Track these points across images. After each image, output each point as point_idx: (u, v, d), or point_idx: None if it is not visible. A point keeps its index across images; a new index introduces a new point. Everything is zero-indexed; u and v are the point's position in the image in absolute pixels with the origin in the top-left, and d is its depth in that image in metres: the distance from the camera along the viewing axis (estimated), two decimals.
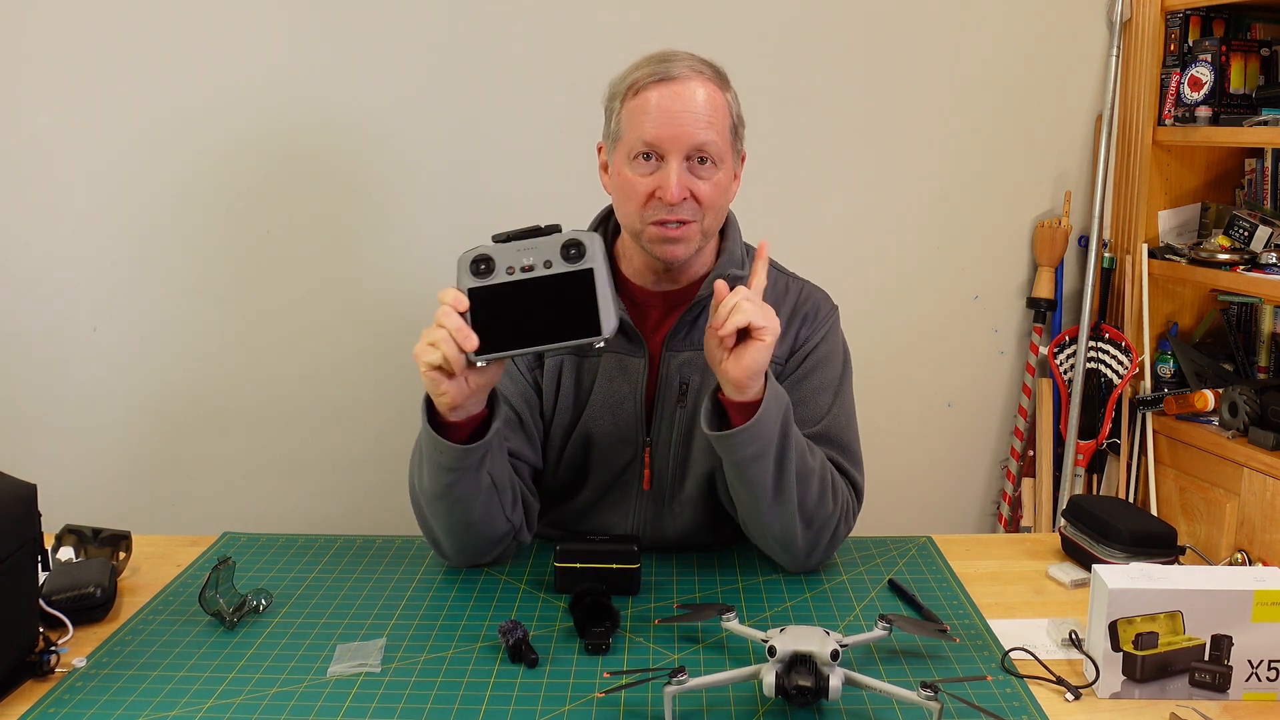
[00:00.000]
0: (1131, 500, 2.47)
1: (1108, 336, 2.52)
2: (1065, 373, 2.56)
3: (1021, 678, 1.13)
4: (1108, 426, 2.51)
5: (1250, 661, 1.08)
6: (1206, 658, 1.08)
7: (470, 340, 1.16)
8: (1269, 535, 2.11)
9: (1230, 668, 1.08)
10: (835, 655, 1.04)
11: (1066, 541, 1.45)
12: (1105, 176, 2.50)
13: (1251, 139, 2.26)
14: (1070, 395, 2.54)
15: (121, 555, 1.39)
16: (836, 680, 1.03)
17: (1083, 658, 1.14)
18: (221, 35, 2.22)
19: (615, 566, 1.30)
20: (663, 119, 1.32)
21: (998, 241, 2.56)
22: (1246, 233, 2.35)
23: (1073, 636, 1.19)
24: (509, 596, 1.33)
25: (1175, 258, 2.42)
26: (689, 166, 1.34)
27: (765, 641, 1.06)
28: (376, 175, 2.31)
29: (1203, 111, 2.34)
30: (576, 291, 1.18)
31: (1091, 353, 2.53)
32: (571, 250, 1.18)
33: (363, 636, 1.22)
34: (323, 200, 2.31)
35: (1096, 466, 2.57)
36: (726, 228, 1.47)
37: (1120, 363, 2.49)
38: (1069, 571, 1.39)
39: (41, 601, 1.19)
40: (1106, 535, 1.37)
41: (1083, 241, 2.56)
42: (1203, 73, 2.33)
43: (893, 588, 1.36)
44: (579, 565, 1.31)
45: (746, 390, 1.25)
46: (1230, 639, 1.07)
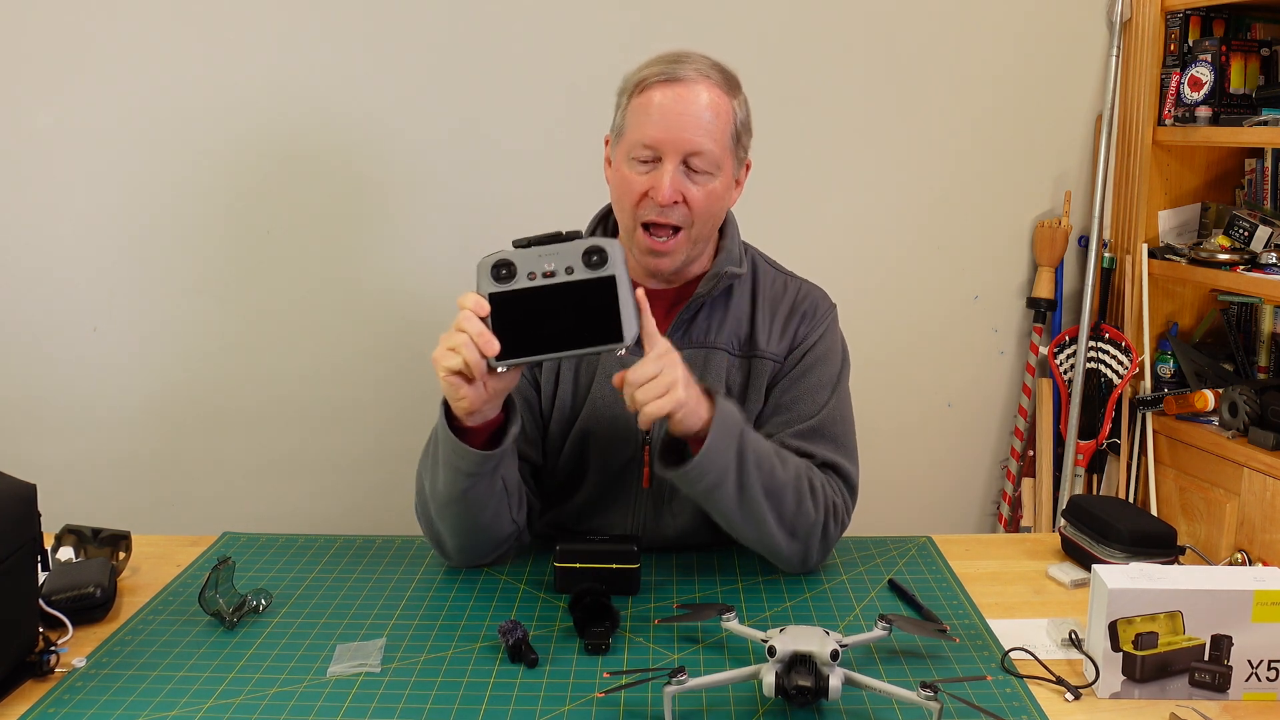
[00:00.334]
0: (1131, 500, 2.47)
1: (1108, 336, 2.52)
2: (1065, 373, 2.56)
3: (1021, 678, 1.13)
4: (1108, 426, 2.51)
5: (1250, 661, 1.08)
6: (1206, 658, 1.08)
7: (492, 345, 1.15)
8: (1269, 535, 2.11)
9: (1230, 668, 1.08)
10: (835, 655, 1.04)
11: (1066, 541, 1.45)
12: (1105, 176, 2.50)
13: (1251, 139, 2.26)
14: (1070, 395, 2.54)
15: (121, 555, 1.39)
16: (836, 680, 1.03)
17: (1083, 658, 1.14)
18: (221, 35, 2.22)
19: (615, 566, 1.30)
20: (662, 120, 1.33)
21: (998, 241, 2.56)
22: (1246, 233, 2.35)
23: (1073, 636, 1.19)
24: (509, 596, 1.33)
25: (1175, 258, 2.42)
26: (684, 170, 1.34)
27: (765, 641, 1.06)
28: (376, 175, 2.31)
29: (1203, 111, 2.34)
30: (598, 298, 1.17)
31: (1091, 353, 2.53)
32: (593, 257, 1.17)
33: (363, 636, 1.22)
34: (322, 200, 2.31)
35: (1096, 466, 2.57)
36: (725, 226, 1.47)
37: (1120, 363, 2.48)
38: (1069, 571, 1.39)
39: (41, 601, 1.19)
40: (1106, 535, 1.37)
41: (1083, 241, 2.56)
42: (1203, 73, 2.33)
43: (893, 588, 1.36)
44: (579, 565, 1.31)
45: (688, 429, 1.24)
46: (1230, 639, 1.07)
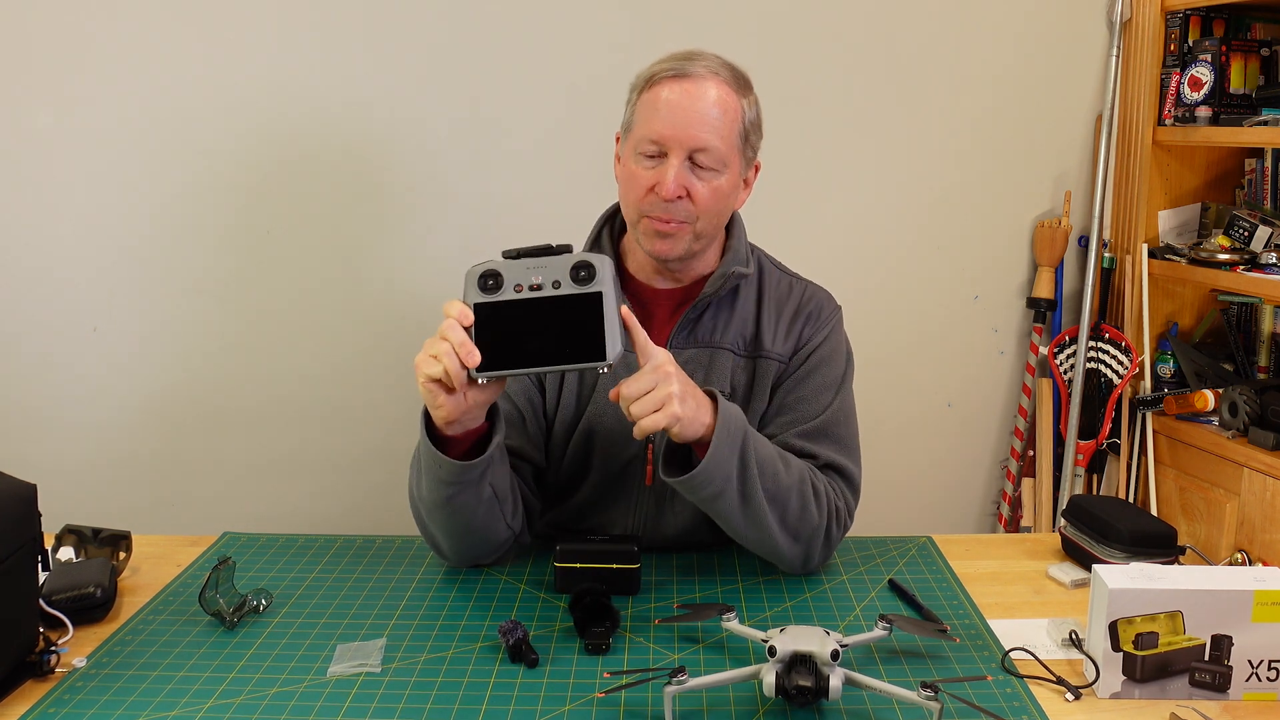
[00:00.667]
0: (1131, 500, 2.47)
1: (1108, 336, 2.52)
2: (1065, 373, 2.56)
3: (1021, 678, 1.13)
4: (1108, 426, 2.51)
5: (1250, 661, 1.08)
6: (1206, 658, 1.08)
7: (473, 356, 1.14)
8: (1269, 535, 2.11)
9: (1230, 668, 1.08)
10: (835, 655, 1.04)
11: (1066, 541, 1.45)
12: (1105, 176, 2.50)
13: (1251, 139, 2.26)
14: (1070, 395, 2.54)
15: (121, 555, 1.39)
16: (836, 680, 1.03)
17: (1083, 658, 1.14)
18: (221, 35, 2.22)
19: (615, 566, 1.30)
20: (670, 116, 1.33)
21: (998, 241, 2.56)
22: (1246, 233, 2.35)
23: (1073, 636, 1.19)
24: (509, 596, 1.33)
25: (1175, 258, 2.42)
26: (690, 166, 1.34)
27: (765, 641, 1.06)
28: (376, 175, 2.31)
29: (1203, 111, 2.34)
30: (584, 314, 1.16)
31: (1091, 353, 2.53)
32: (581, 272, 1.16)
33: (363, 636, 1.22)
34: (323, 200, 2.31)
35: (1096, 466, 2.57)
36: (732, 226, 1.47)
37: (1120, 363, 2.48)
38: (1069, 571, 1.39)
39: (41, 601, 1.19)
40: (1106, 535, 1.37)
41: (1083, 241, 2.56)
42: (1203, 73, 2.33)
43: (893, 588, 1.36)
44: (579, 565, 1.31)
45: (688, 439, 1.23)
46: (1230, 639, 1.07)
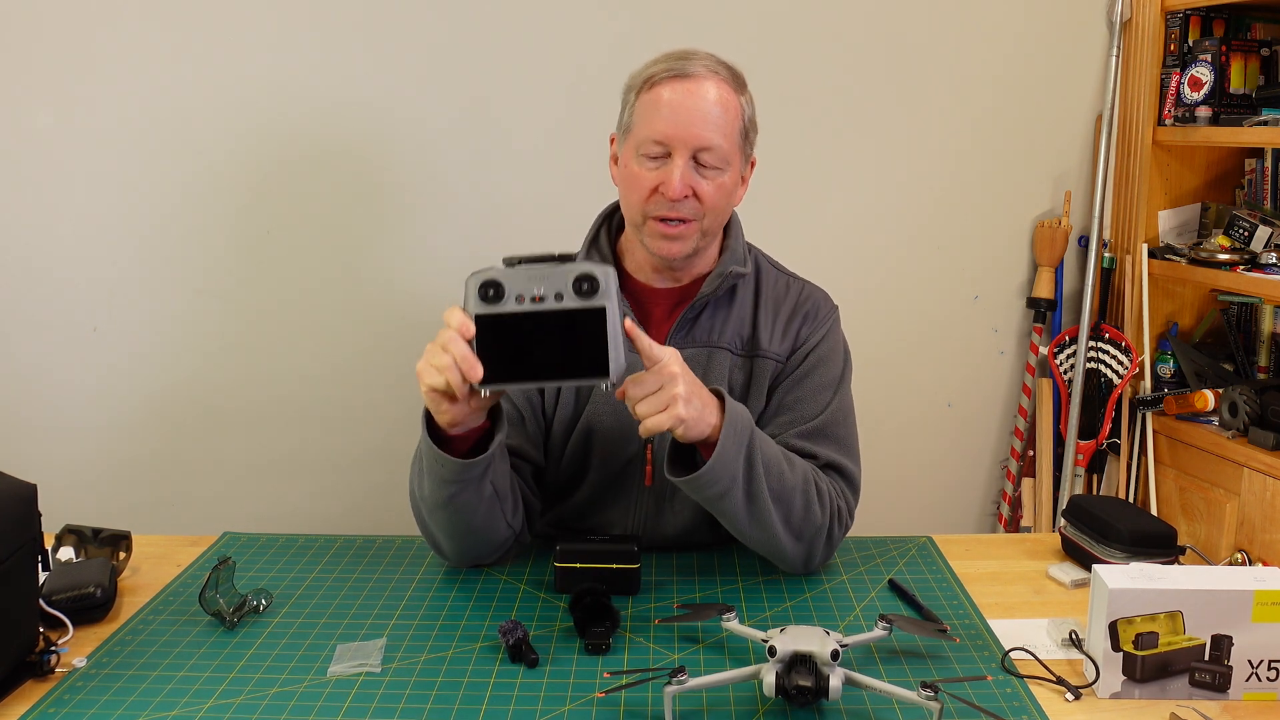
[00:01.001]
0: (1131, 500, 2.47)
1: (1108, 336, 2.52)
2: (1065, 373, 2.56)
3: (1021, 678, 1.13)
4: (1108, 426, 2.51)
5: (1250, 661, 1.08)
6: (1206, 658, 1.08)
7: (475, 371, 1.13)
8: (1269, 535, 2.11)
9: (1230, 668, 1.08)
10: (835, 655, 1.04)
11: (1066, 541, 1.45)
12: (1105, 176, 2.50)
13: (1251, 139, 2.26)
14: (1070, 395, 2.54)
15: (121, 555, 1.39)
16: (836, 680, 1.03)
17: (1083, 658, 1.14)
18: (221, 35, 2.21)
19: (615, 566, 1.30)
20: (673, 116, 1.33)
21: (998, 241, 2.56)
22: (1246, 233, 2.35)
23: (1073, 636, 1.19)
24: (509, 596, 1.33)
25: (1175, 258, 2.42)
26: (694, 165, 1.35)
27: (765, 641, 1.06)
28: (377, 175, 2.31)
29: (1203, 111, 2.34)
30: (586, 329, 1.14)
31: (1091, 353, 2.53)
32: (584, 285, 1.13)
33: (363, 636, 1.22)
34: (323, 200, 2.30)
35: (1096, 466, 2.57)
36: (729, 225, 1.47)
37: (1120, 363, 2.48)
38: (1069, 571, 1.39)
39: (41, 601, 1.19)
40: (1106, 535, 1.37)
41: (1083, 241, 2.56)
42: (1203, 73, 2.33)
43: (893, 588, 1.36)
44: (579, 565, 1.31)
45: (694, 439, 1.23)
46: (1230, 639, 1.07)
